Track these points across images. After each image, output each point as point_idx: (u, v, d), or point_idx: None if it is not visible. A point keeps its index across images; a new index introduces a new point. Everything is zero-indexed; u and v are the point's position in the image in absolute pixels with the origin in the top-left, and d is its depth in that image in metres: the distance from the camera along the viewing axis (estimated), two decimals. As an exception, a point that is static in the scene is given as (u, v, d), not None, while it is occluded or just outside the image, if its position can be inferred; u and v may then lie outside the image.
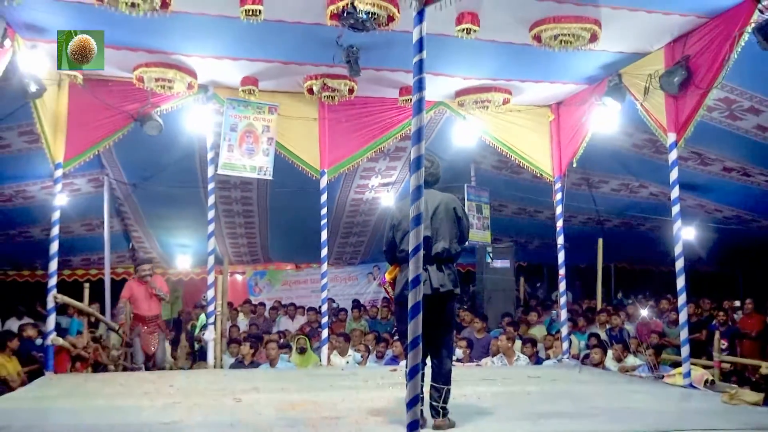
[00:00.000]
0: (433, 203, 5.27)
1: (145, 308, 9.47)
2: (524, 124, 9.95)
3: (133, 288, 9.54)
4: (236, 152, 9.18)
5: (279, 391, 6.88)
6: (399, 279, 5.30)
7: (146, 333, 9.39)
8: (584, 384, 7.49)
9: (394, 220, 5.41)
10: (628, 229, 14.61)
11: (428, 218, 5.16)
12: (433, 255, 5.15)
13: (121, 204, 13.21)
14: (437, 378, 5.27)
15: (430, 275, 5.10)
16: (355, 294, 16.53)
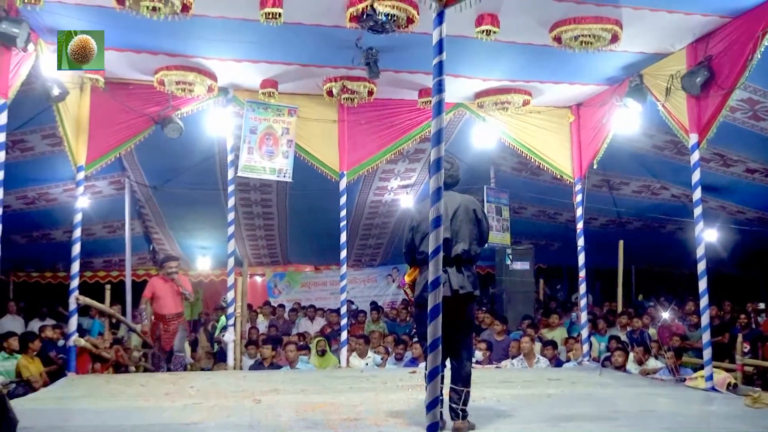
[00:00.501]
0: (453, 205, 5.25)
1: (168, 306, 9.39)
2: (544, 126, 9.92)
3: (156, 285, 9.45)
4: (256, 154, 9.22)
5: (298, 393, 6.90)
6: (418, 281, 5.28)
7: (164, 331, 9.39)
8: (605, 387, 7.44)
9: (414, 222, 5.40)
10: (650, 231, 14.50)
11: (448, 220, 5.14)
12: (452, 257, 5.13)
13: (142, 206, 13.31)
14: (457, 380, 5.24)
15: (450, 277, 5.08)
16: (374, 296, 16.53)
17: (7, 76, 6.85)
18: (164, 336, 9.40)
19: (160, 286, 9.47)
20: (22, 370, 8.30)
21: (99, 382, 7.85)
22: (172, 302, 9.46)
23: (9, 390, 7.27)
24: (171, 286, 9.46)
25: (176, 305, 9.52)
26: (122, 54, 8.01)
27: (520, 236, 13.64)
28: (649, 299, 14.72)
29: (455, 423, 5.09)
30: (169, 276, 9.49)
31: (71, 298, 8.58)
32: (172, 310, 9.46)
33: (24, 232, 13.22)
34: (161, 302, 9.40)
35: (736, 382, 7.49)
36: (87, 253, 11.58)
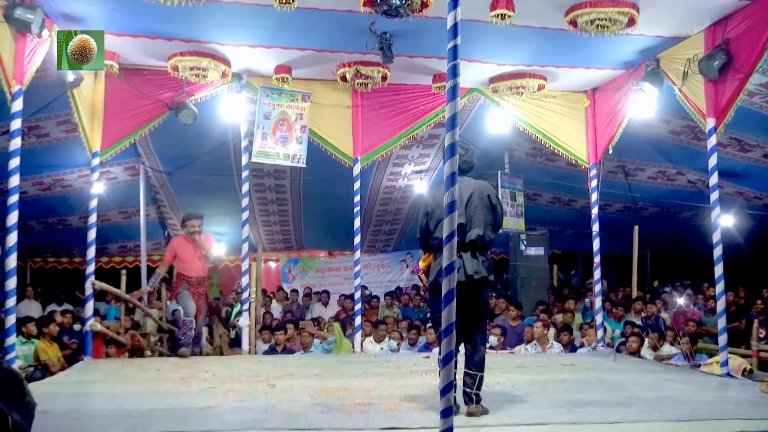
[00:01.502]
0: (468, 191, 5.27)
1: (193, 268, 8.89)
2: (559, 111, 9.87)
3: (178, 246, 8.93)
4: (270, 140, 9.23)
5: (313, 378, 6.93)
6: (433, 266, 5.30)
7: (195, 294, 8.85)
8: (619, 372, 7.42)
9: (428, 208, 5.41)
10: (665, 217, 14.43)
11: (462, 206, 5.16)
12: (467, 242, 5.16)
13: (156, 192, 13.37)
14: (471, 365, 5.28)
15: (464, 263, 5.11)
16: (388, 281, 16.58)
17: (22, 63, 6.89)
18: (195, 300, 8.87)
19: (182, 246, 8.92)
20: (40, 354, 8.40)
21: (115, 367, 7.92)
22: (197, 264, 8.93)
23: (27, 374, 7.36)
24: (194, 247, 8.95)
25: (200, 269, 8.99)
26: (136, 40, 8.03)
27: (535, 222, 13.61)
28: (664, 285, 14.67)
29: (469, 407, 5.13)
30: (191, 236, 8.93)
31: (87, 283, 8.64)
32: (199, 273, 8.96)
33: (40, 218, 13.33)
34: (185, 264, 8.88)
35: (751, 368, 7.46)
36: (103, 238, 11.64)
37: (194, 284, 8.87)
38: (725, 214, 10.58)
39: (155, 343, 10.06)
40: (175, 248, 8.90)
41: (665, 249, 16.09)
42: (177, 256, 8.86)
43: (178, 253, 8.86)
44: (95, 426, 4.63)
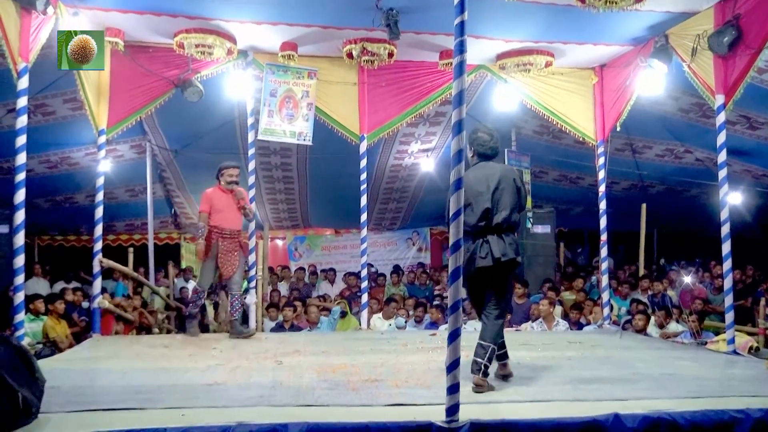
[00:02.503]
0: (495, 176, 5.40)
1: (228, 220, 8.16)
2: (567, 88, 9.81)
3: (215, 196, 8.18)
4: (276, 118, 9.21)
5: (320, 354, 6.96)
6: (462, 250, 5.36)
7: (225, 250, 8.13)
8: (626, 350, 7.44)
9: None
10: (673, 195, 14.38)
11: (490, 191, 5.30)
12: (493, 225, 5.30)
13: (163, 170, 13.38)
14: (485, 336, 5.34)
15: (491, 246, 5.25)
16: (394, 259, 16.61)
17: (28, 40, 6.87)
18: (222, 257, 8.12)
19: (218, 196, 8.19)
20: (49, 331, 8.47)
21: (123, 344, 7.97)
22: (234, 216, 8.23)
23: (36, 351, 7.42)
24: (231, 198, 8.19)
25: (238, 220, 8.30)
26: (142, 17, 8.00)
27: (542, 200, 13.59)
28: (671, 263, 14.66)
29: (476, 377, 5.18)
30: (228, 186, 8.22)
31: (95, 260, 8.68)
32: (234, 225, 8.26)
33: (47, 196, 13.37)
34: (220, 215, 8.14)
35: (758, 346, 7.48)
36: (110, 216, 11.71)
37: (228, 237, 8.16)
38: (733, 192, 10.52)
39: (163, 320, 10.12)
40: (210, 197, 8.17)
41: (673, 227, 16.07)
42: (213, 206, 8.14)
43: (214, 202, 8.15)
44: (104, 401, 4.67)
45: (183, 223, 15.78)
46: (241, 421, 4.10)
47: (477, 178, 5.39)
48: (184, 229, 16.05)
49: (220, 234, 8.12)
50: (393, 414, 4.39)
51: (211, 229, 8.10)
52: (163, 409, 4.52)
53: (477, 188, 5.32)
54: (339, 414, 4.39)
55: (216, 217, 8.11)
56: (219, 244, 8.09)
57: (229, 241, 8.17)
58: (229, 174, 8.20)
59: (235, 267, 8.19)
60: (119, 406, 4.54)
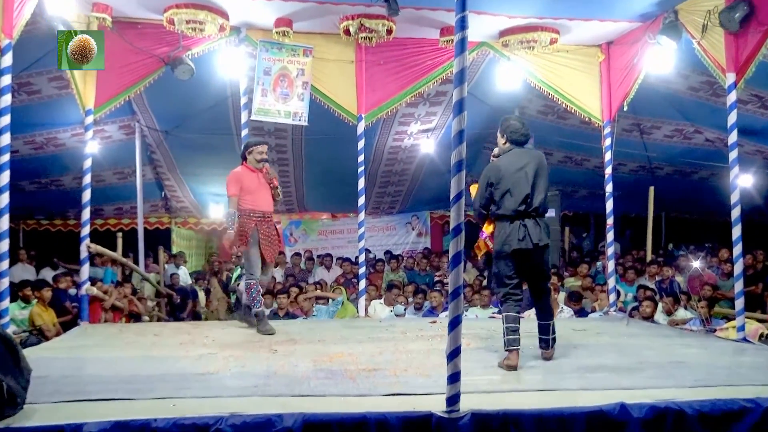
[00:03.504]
0: (531, 161, 5.89)
1: (262, 201, 7.74)
2: (572, 66, 9.76)
3: (243, 177, 7.67)
4: (270, 97, 9.17)
5: (316, 343, 6.97)
6: (497, 234, 5.91)
7: (266, 234, 7.70)
8: (632, 337, 7.46)
9: (492, 178, 5.91)
10: (682, 177, 14.38)
11: (529, 176, 5.80)
12: (531, 210, 5.79)
13: (153, 152, 13.35)
14: (546, 316, 6.05)
15: (529, 231, 5.75)
16: (393, 245, 16.63)
17: (11, 16, 6.80)
18: (264, 242, 7.67)
19: (248, 176, 7.70)
20: (35, 318, 8.47)
21: (112, 332, 7.98)
22: (267, 197, 7.80)
23: (22, 339, 7.42)
24: (261, 176, 7.78)
25: (270, 202, 7.84)
26: (130, -9, 7.95)
27: (546, 182, 13.58)
28: (679, 248, 14.68)
29: (546, 352, 5.98)
30: (258, 165, 7.78)
31: (82, 246, 8.66)
32: (269, 207, 7.81)
33: (33, 179, 13.32)
34: (252, 197, 7.66)
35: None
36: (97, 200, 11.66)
37: (266, 220, 7.73)
38: (744, 174, 10.53)
39: (153, 308, 10.14)
40: (240, 178, 7.62)
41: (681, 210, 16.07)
42: (243, 187, 7.61)
43: (245, 183, 7.61)
44: (93, 391, 4.68)
45: (174, 207, 15.78)
46: (234, 412, 4.12)
47: (513, 163, 5.88)
48: (175, 213, 16.05)
49: (257, 217, 7.65)
50: (392, 404, 4.40)
51: (246, 213, 7.61)
52: (154, 399, 4.54)
53: (516, 174, 5.82)
54: (336, 404, 4.41)
55: (249, 199, 7.63)
56: (258, 229, 7.62)
57: (267, 224, 7.75)
58: (258, 151, 7.76)
59: (277, 252, 7.93)
60: (108, 396, 4.55)
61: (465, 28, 4.04)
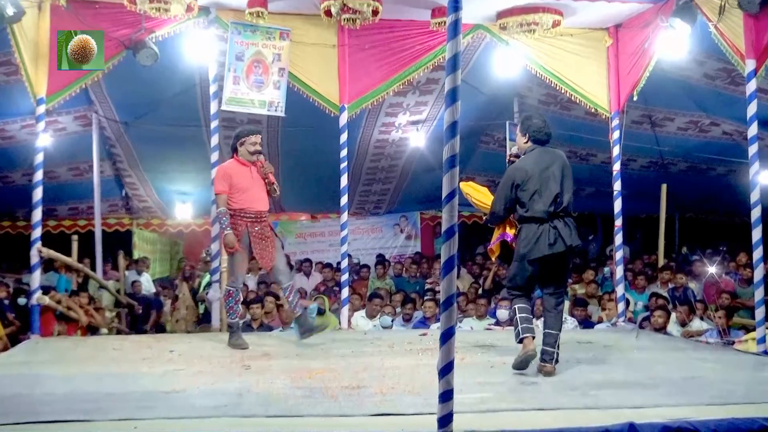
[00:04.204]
0: (557, 161, 6.27)
1: (255, 199, 7.57)
2: (577, 51, 9.80)
3: (233, 172, 7.53)
4: (243, 85, 9.15)
5: (293, 358, 6.97)
6: (525, 237, 6.15)
7: (258, 238, 7.54)
8: (643, 351, 7.50)
9: (518, 179, 6.19)
10: (697, 174, 14.44)
11: (558, 176, 6.17)
12: (560, 211, 6.13)
13: (112, 145, 13.30)
14: (557, 325, 6.22)
15: (560, 232, 6.07)
16: (380, 248, 16.62)
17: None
18: (257, 246, 7.54)
19: (239, 171, 7.55)
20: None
21: (67, 346, 7.93)
22: (260, 194, 7.65)
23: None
24: (254, 171, 7.61)
25: (262, 200, 7.68)
26: (86, -33, 7.93)
27: (548, 180, 13.62)
28: (694, 252, 14.75)
29: (548, 366, 6.02)
30: (251, 158, 7.62)
31: (33, 250, 8.60)
32: (263, 206, 7.66)
33: (-23, 176, 13.27)
34: (245, 195, 7.51)
35: (792, 346, 7.54)
36: (50, 199, 11.63)
37: (259, 221, 7.58)
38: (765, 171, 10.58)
39: (112, 319, 10.09)
40: (229, 173, 7.50)
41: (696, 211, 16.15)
42: (233, 184, 7.48)
43: (235, 180, 7.47)
44: (47, 411, 4.66)
45: (135, 207, 15.73)
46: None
47: (539, 163, 6.21)
48: (137, 214, 16.00)
49: (248, 218, 7.51)
50: (377, 425, 4.41)
51: (236, 214, 7.48)
52: (114, 421, 4.52)
53: (543, 174, 6.14)
54: (315, 425, 4.41)
55: (239, 198, 7.49)
56: (249, 231, 7.48)
57: (261, 225, 7.58)
58: (252, 142, 7.58)
59: (274, 255, 7.66)
60: (63, 418, 4.53)
61: (459, 9, 4.05)
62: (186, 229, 16.36)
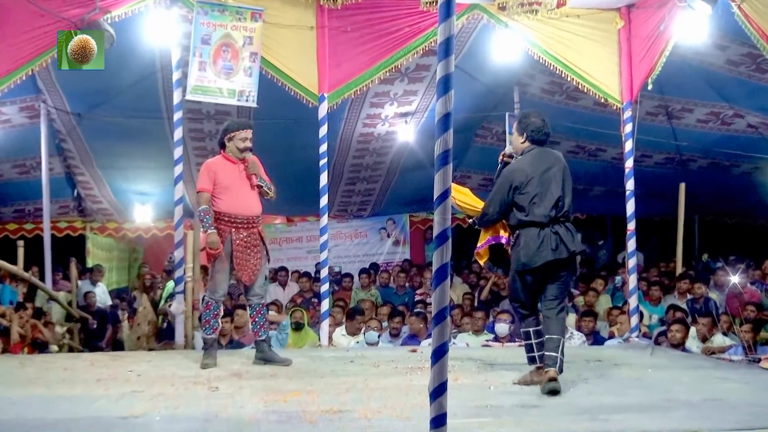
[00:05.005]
0: (557, 162, 6.46)
1: (242, 201, 7.50)
2: (585, 34, 9.83)
3: (218, 169, 7.49)
4: (210, 72, 9.13)
5: (267, 378, 6.95)
6: (525, 243, 6.28)
7: (243, 246, 7.46)
8: (659, 369, 7.51)
9: (517, 182, 6.34)
10: (719, 172, 14.51)
11: (560, 178, 6.34)
12: (560, 216, 6.29)
13: (63, 139, 13.25)
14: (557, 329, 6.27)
15: (563, 237, 6.22)
16: (364, 255, 16.63)
17: None
18: (239, 256, 7.44)
19: (225, 169, 7.51)
20: None
21: (11, 365, 7.90)
22: (249, 196, 7.56)
23: None
24: (242, 170, 7.56)
25: (252, 204, 7.59)
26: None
27: (552, 178, 13.66)
28: (716, 259, 14.82)
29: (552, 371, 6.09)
30: (240, 153, 7.57)
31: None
32: (251, 210, 7.56)
33: None
34: (231, 196, 7.45)
35: (825, 364, 7.58)
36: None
37: (245, 226, 7.49)
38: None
39: (63, 335, 10.05)
40: (213, 170, 7.46)
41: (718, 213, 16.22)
42: (218, 182, 7.44)
43: (220, 177, 7.42)
44: (-14, 441, 4.64)
45: (89, 209, 15.67)
46: (165, 465, 4.10)
47: (538, 165, 6.37)
48: (91, 217, 15.94)
49: (232, 223, 7.45)
50: (361, 454, 4.40)
51: (219, 217, 7.45)
52: (63, 450, 4.50)
53: (544, 176, 6.31)
54: (292, 454, 4.40)
55: (225, 199, 7.44)
56: (233, 238, 7.41)
57: (248, 231, 7.49)
58: (241, 137, 7.58)
59: (257, 269, 7.55)
60: (5, 447, 4.51)
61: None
62: (146, 233, 16.31)
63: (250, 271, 7.48)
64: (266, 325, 7.80)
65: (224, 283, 7.60)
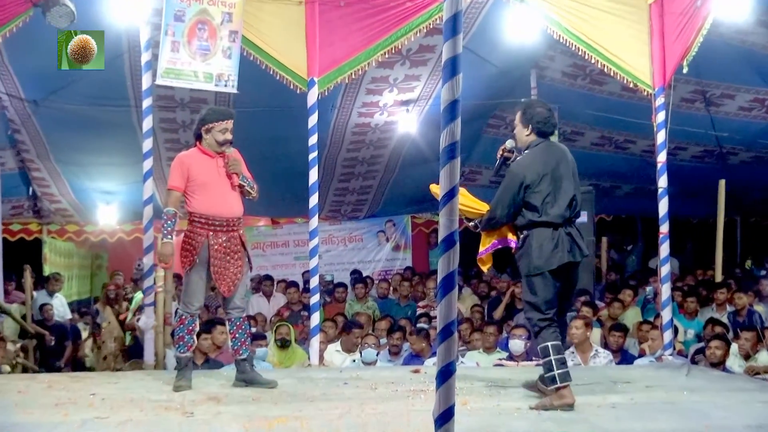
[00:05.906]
0: (566, 157, 6.64)
1: (220, 201, 7.40)
2: (611, 10, 9.82)
3: (192, 164, 7.41)
4: (184, 53, 9.12)
5: (249, 402, 6.96)
6: (534, 246, 6.45)
7: (222, 252, 7.36)
8: (695, 392, 7.52)
9: (529, 179, 6.46)
10: (764, 167, 14.53)
11: (571, 175, 6.56)
12: (573, 215, 6.53)
13: (16, 130, 13.25)
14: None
15: (575, 239, 6.48)
16: (359, 262, 16.62)
17: None
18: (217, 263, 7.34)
19: (201, 164, 7.43)
20: None
21: (-42, 388, 7.91)
22: (228, 195, 7.47)
23: None
24: (220, 164, 7.48)
25: (232, 203, 7.49)
26: None
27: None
28: (761, 265, 14.84)
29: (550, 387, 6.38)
30: (219, 147, 7.50)
31: None
32: (231, 211, 7.46)
33: None
34: (207, 195, 7.36)
35: None
36: (-64, 199, 11.57)
37: (224, 230, 7.39)
38: None
39: (16, 353, 10.05)
40: (187, 165, 7.39)
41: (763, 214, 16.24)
42: (191, 178, 7.36)
43: (193, 173, 7.35)
44: (-71, 474, 4.65)
45: (46, 209, 15.68)
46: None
47: (549, 161, 6.53)
48: (48, 218, 15.94)
49: (210, 225, 7.36)
50: (357, 488, 4.41)
51: (194, 219, 7.40)
52: (17, 485, 4.51)
53: (556, 172, 6.48)
54: (277, 489, 4.41)
55: (201, 198, 7.37)
56: (210, 243, 7.32)
57: (227, 236, 7.41)
58: (221, 129, 7.51)
59: (238, 278, 7.45)
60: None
61: (459, -43, 4.06)
62: (111, 237, 16.31)
63: (230, 281, 7.39)
64: (248, 342, 7.71)
65: (200, 295, 7.50)
